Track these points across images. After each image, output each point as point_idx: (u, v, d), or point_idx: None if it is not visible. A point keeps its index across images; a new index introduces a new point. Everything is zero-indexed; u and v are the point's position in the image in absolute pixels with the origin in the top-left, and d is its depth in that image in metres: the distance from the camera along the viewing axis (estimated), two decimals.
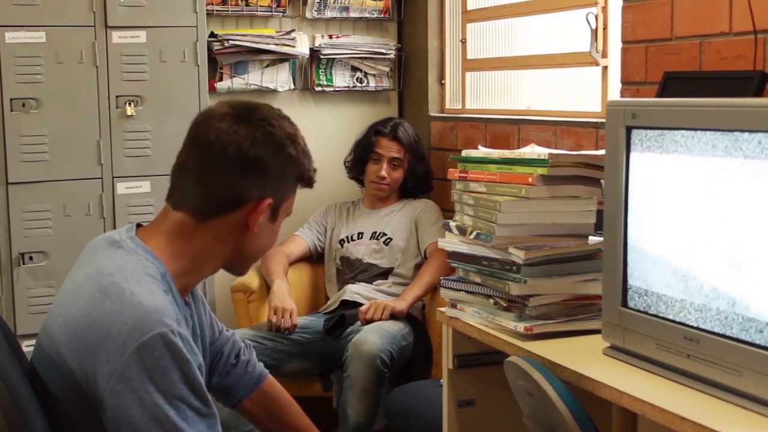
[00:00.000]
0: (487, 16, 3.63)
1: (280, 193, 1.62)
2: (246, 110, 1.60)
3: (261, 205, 1.58)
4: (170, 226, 1.59)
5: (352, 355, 2.93)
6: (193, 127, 1.61)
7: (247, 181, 1.57)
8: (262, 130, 1.57)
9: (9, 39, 3.08)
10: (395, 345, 3.00)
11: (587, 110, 3.04)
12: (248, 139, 1.56)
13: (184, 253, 1.58)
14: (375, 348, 2.91)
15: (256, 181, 1.58)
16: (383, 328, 3.02)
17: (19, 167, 3.14)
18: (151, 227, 1.63)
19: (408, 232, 3.39)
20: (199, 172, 1.58)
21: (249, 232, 1.60)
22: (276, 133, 1.59)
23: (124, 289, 1.47)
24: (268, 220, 1.62)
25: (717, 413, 1.42)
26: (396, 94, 4.05)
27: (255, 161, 1.56)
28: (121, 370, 1.42)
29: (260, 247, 1.67)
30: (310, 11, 3.80)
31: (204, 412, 1.48)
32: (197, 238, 1.58)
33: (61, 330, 1.49)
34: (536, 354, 1.76)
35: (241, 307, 3.33)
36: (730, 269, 1.46)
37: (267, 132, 1.58)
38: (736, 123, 1.44)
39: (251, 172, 1.57)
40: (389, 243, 3.38)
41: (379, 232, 3.41)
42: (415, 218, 3.41)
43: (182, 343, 1.45)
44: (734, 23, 2.25)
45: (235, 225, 1.59)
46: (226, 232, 1.59)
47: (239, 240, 1.61)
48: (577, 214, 1.93)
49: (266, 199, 1.59)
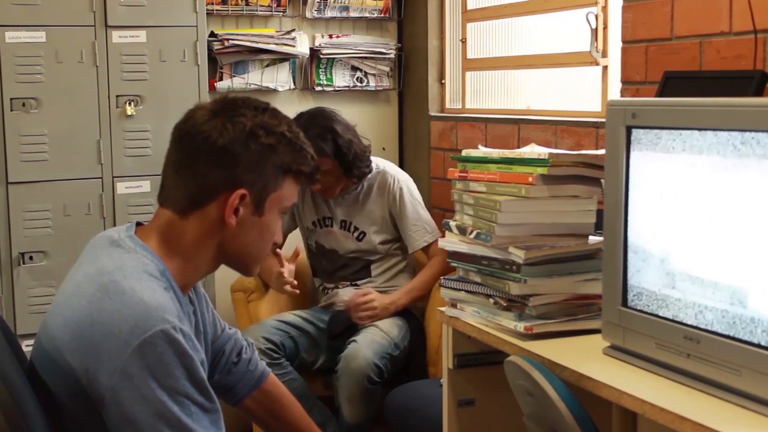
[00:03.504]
0: (487, 16, 3.63)
1: (258, 184, 1.57)
2: (227, 104, 1.59)
3: (233, 196, 1.55)
4: (160, 224, 1.60)
5: (342, 369, 2.95)
6: (177, 123, 1.62)
7: (216, 171, 1.55)
8: (233, 121, 1.56)
9: (9, 39, 3.08)
10: (386, 357, 3.00)
11: (587, 110, 3.05)
12: (217, 128, 1.55)
13: (175, 250, 1.58)
14: (364, 364, 2.91)
15: (228, 171, 1.55)
16: (376, 340, 3.01)
17: (19, 167, 3.13)
18: (147, 226, 1.63)
19: (381, 226, 3.26)
20: (176, 167, 1.58)
21: (228, 226, 1.57)
22: (248, 123, 1.56)
23: (125, 287, 1.47)
24: (252, 214, 1.59)
25: (717, 413, 1.42)
26: (396, 94, 4.05)
27: (223, 150, 1.54)
28: (123, 368, 1.42)
29: (249, 243, 1.62)
30: (310, 11, 3.80)
31: (208, 407, 1.48)
32: (183, 235, 1.58)
33: (62, 329, 1.49)
34: (536, 354, 1.76)
35: (240, 306, 3.33)
36: (730, 268, 1.46)
37: (238, 122, 1.56)
38: (737, 123, 1.44)
39: (219, 161, 1.55)
40: (363, 238, 3.26)
41: (348, 222, 3.26)
42: (390, 211, 3.25)
43: (184, 340, 1.45)
44: (734, 23, 2.25)
45: (212, 219, 1.57)
46: (208, 227, 1.57)
47: (222, 235, 1.58)
48: (577, 214, 1.93)
49: (238, 189, 1.55)
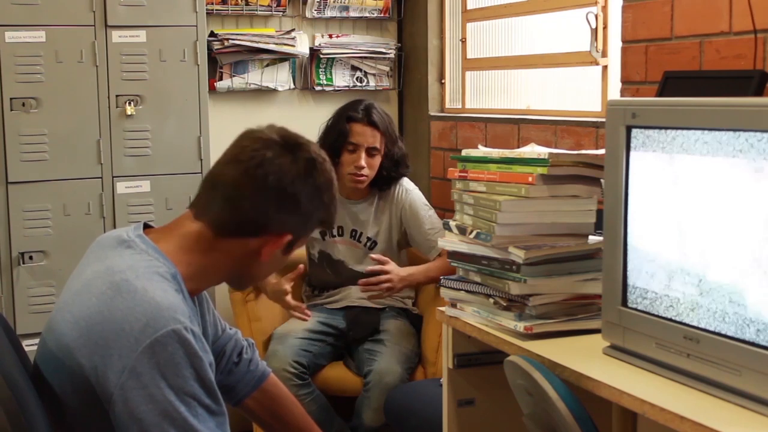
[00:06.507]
0: (487, 16, 3.63)
1: (302, 232, 1.64)
2: (295, 143, 1.61)
3: (281, 239, 1.60)
4: (187, 232, 1.60)
5: (374, 384, 2.99)
6: (239, 144, 1.61)
7: (277, 213, 1.58)
8: (305, 168, 1.59)
9: (9, 39, 3.08)
10: (411, 366, 3.11)
11: (587, 110, 3.05)
12: (290, 173, 1.57)
13: (195, 262, 1.59)
14: (397, 379, 3.00)
15: (286, 216, 1.59)
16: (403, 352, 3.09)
17: (19, 167, 3.13)
18: (164, 229, 1.64)
19: (389, 233, 3.29)
20: (231, 190, 1.58)
21: (260, 259, 1.61)
22: (317, 175, 1.60)
23: (137, 286, 1.48)
24: (282, 253, 1.65)
25: (717, 413, 1.42)
26: (396, 94, 4.05)
27: (291, 197, 1.58)
28: (132, 366, 1.42)
29: (264, 273, 1.71)
30: (310, 11, 3.80)
31: (214, 409, 1.48)
32: (211, 252, 1.59)
33: (70, 326, 1.49)
34: (536, 353, 1.76)
35: (238, 306, 3.33)
36: (730, 268, 1.46)
37: (309, 172, 1.59)
38: (737, 122, 1.44)
39: (284, 206, 1.58)
40: (374, 248, 3.27)
41: (359, 232, 3.29)
42: (400, 219, 3.27)
43: (195, 340, 1.46)
44: (734, 23, 2.25)
45: (249, 249, 1.60)
46: (240, 254, 1.61)
47: (248, 263, 1.63)
48: (577, 214, 1.93)
49: (287, 234, 1.61)
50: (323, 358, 3.17)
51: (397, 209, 3.27)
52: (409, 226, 3.27)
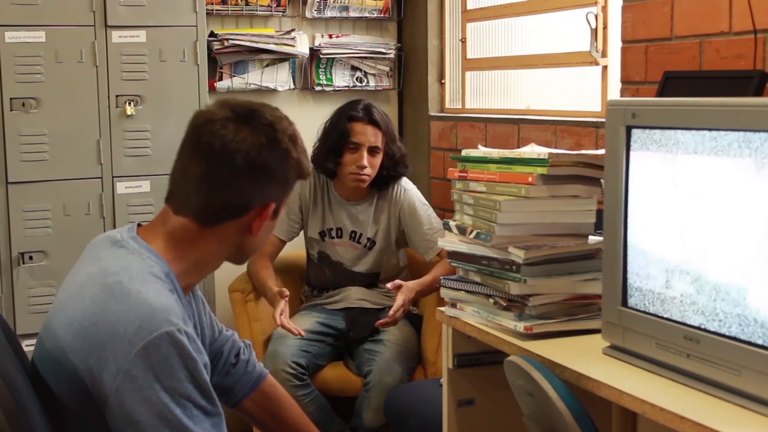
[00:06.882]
0: (487, 16, 3.63)
1: (284, 194, 1.63)
2: (248, 112, 1.58)
3: (266, 210, 1.60)
4: (172, 229, 1.59)
5: (375, 383, 3.01)
6: (194, 132, 1.58)
7: (254, 187, 1.57)
8: (267, 135, 1.57)
9: (9, 39, 3.08)
10: (411, 366, 3.12)
11: (587, 110, 3.05)
12: (255, 146, 1.55)
13: (186, 256, 1.59)
14: (397, 379, 3.01)
15: (264, 187, 1.58)
16: (402, 352, 3.09)
17: (19, 167, 3.13)
18: (150, 228, 1.63)
19: (387, 232, 3.28)
20: (204, 180, 1.56)
21: (252, 235, 1.61)
22: (280, 137, 1.58)
23: (130, 288, 1.47)
24: (270, 220, 1.64)
25: (717, 413, 1.42)
26: (396, 94, 4.05)
27: (263, 168, 1.56)
28: (127, 369, 1.42)
29: (261, 243, 1.69)
30: (310, 11, 3.80)
31: (210, 410, 1.48)
32: (200, 243, 1.59)
33: (65, 328, 1.49)
34: (536, 354, 1.76)
35: (238, 306, 3.33)
36: (730, 268, 1.46)
37: (272, 137, 1.57)
38: (736, 122, 1.44)
39: (259, 179, 1.57)
40: (373, 247, 3.28)
41: (359, 233, 3.28)
42: (398, 219, 3.27)
43: (188, 342, 1.46)
44: (734, 23, 2.25)
45: (239, 229, 1.60)
46: (231, 237, 1.60)
47: (241, 241, 1.62)
48: (577, 214, 1.93)
49: (271, 203, 1.60)
50: (322, 359, 3.16)
51: (396, 209, 3.28)
52: (406, 225, 3.27)
